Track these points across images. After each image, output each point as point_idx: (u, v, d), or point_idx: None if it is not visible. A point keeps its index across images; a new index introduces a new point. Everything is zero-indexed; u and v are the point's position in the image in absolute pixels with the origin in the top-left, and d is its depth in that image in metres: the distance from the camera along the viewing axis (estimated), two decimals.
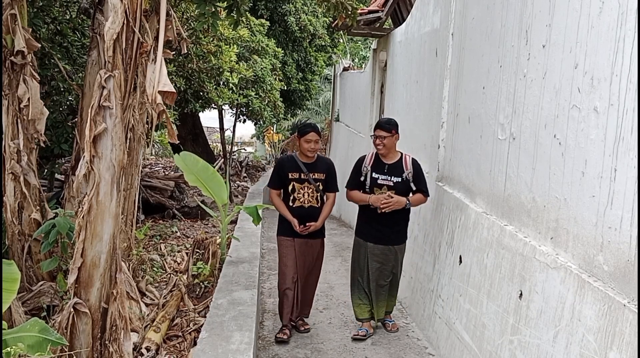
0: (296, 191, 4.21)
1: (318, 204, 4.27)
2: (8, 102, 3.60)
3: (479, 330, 3.31)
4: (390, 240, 4.21)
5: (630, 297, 2.08)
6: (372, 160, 4.23)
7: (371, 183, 4.16)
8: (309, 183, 4.22)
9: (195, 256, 5.07)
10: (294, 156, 4.31)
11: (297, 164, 4.23)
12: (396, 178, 4.11)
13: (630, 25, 2.14)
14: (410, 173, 4.13)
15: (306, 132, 4.15)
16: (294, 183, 4.21)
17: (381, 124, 4.17)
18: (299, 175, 4.22)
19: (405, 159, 4.18)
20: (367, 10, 8.10)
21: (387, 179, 4.12)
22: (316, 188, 4.24)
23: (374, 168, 4.19)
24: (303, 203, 4.22)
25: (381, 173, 4.15)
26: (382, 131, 4.12)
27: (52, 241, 3.53)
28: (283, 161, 4.40)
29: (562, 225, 2.62)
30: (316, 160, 4.30)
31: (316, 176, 4.25)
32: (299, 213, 4.20)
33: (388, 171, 4.14)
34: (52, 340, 2.47)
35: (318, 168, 4.28)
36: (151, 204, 8.03)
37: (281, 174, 4.25)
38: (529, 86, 3.02)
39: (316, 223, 4.23)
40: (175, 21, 3.20)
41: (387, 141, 4.11)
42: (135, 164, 4.13)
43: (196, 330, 4.01)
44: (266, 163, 19.53)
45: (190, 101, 7.94)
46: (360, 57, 19.43)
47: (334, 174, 4.37)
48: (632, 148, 2.10)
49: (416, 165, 4.18)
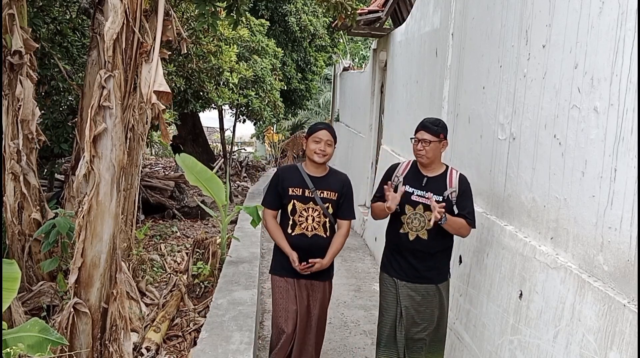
0: (297, 212, 3.20)
1: (326, 234, 3.24)
2: (8, 103, 3.61)
3: (479, 330, 3.31)
4: (427, 276, 3.18)
5: (630, 297, 2.08)
6: (408, 170, 3.26)
7: (402, 199, 3.13)
8: (314, 202, 3.20)
9: (195, 256, 5.07)
10: (298, 167, 3.30)
11: (302, 177, 3.23)
12: (436, 195, 3.09)
13: (630, 25, 2.14)
14: (455, 192, 3.12)
15: (317, 129, 3.21)
16: (295, 202, 3.21)
17: (426, 124, 3.14)
18: (303, 192, 3.21)
19: (450, 173, 3.17)
20: (367, 10, 8.11)
21: (423, 196, 3.12)
22: (324, 211, 3.21)
23: (408, 179, 3.20)
24: (305, 230, 3.21)
25: (417, 187, 3.15)
26: (427, 134, 3.11)
27: (52, 241, 3.53)
28: (283, 171, 3.35)
29: (562, 225, 2.62)
30: (328, 174, 3.29)
31: (325, 194, 3.22)
32: (300, 243, 3.20)
33: (426, 185, 3.14)
34: (52, 340, 2.47)
35: (329, 184, 3.25)
36: (151, 204, 8.04)
37: (279, 190, 3.25)
38: (529, 86, 3.02)
39: (322, 261, 3.19)
40: (175, 21, 3.20)
41: (432, 147, 3.09)
42: (135, 164, 4.13)
43: (196, 330, 4.01)
44: (266, 162, 19.52)
45: (190, 101, 7.94)
46: (360, 57, 19.44)
47: (350, 195, 3.32)
48: (632, 148, 2.10)
49: (464, 184, 3.17)
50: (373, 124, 9.03)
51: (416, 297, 3.17)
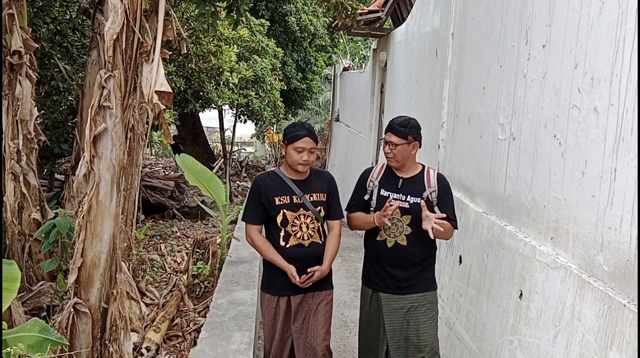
0: (289, 222, 2.92)
1: (321, 239, 3.02)
2: (8, 103, 3.61)
3: (479, 330, 3.31)
4: (411, 286, 2.94)
5: (630, 297, 2.08)
6: (382, 173, 3.06)
7: (378, 203, 2.95)
8: (305, 208, 2.95)
9: (195, 256, 5.07)
10: (277, 173, 3.01)
11: (285, 183, 2.95)
12: (414, 197, 2.91)
13: (630, 25, 2.14)
14: (435, 192, 2.93)
15: (298, 137, 2.88)
16: (284, 212, 2.92)
17: (393, 126, 2.93)
18: (290, 199, 2.94)
19: (428, 173, 2.99)
20: (367, 10, 8.11)
21: (400, 199, 2.93)
22: (316, 216, 2.99)
23: (383, 183, 3.01)
24: (302, 240, 2.94)
25: (393, 190, 2.97)
26: (394, 136, 2.90)
27: (52, 241, 3.53)
28: (263, 180, 3.00)
29: (562, 225, 2.62)
30: (310, 175, 3.04)
31: (315, 197, 3.00)
32: (298, 255, 2.92)
33: (402, 187, 2.96)
34: (52, 340, 2.47)
35: (315, 186, 3.03)
36: (151, 204, 8.04)
37: (263, 201, 2.94)
38: (529, 86, 3.02)
39: (322, 268, 2.94)
40: (175, 21, 3.20)
41: (399, 149, 2.90)
42: (135, 164, 4.13)
43: (196, 330, 4.01)
44: (266, 162, 19.52)
45: (190, 101, 7.94)
46: (360, 57, 19.44)
47: (336, 193, 3.12)
48: (632, 148, 2.10)
49: (443, 183, 2.98)
50: (373, 124, 9.04)
51: (400, 310, 2.93)
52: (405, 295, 2.93)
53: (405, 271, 2.93)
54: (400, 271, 2.93)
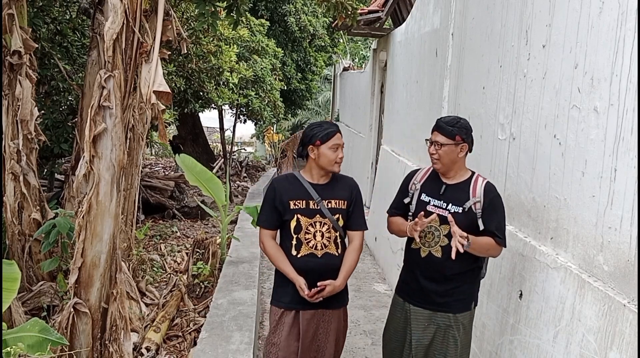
0: (303, 229, 2.66)
1: (338, 251, 2.70)
2: (8, 103, 3.61)
3: (479, 330, 3.31)
4: (445, 304, 2.65)
5: (630, 297, 2.08)
6: (426, 177, 2.79)
7: (417, 208, 2.70)
8: (321, 215, 2.67)
9: (195, 256, 5.07)
10: (296, 176, 2.76)
11: (303, 186, 2.70)
12: (455, 206, 2.61)
13: (630, 25, 2.14)
14: (479, 203, 2.60)
15: (332, 134, 2.64)
16: (299, 217, 2.66)
17: (440, 124, 2.66)
18: (307, 204, 2.67)
19: (475, 181, 2.66)
20: (367, 10, 8.11)
21: (440, 207, 2.64)
22: (334, 224, 2.69)
23: (425, 187, 2.74)
24: (314, 249, 2.66)
25: (434, 196, 2.68)
26: (440, 135, 2.64)
27: (52, 241, 3.54)
28: (279, 183, 2.76)
29: (562, 225, 2.62)
30: (332, 180, 2.75)
31: (333, 204, 2.70)
32: (309, 266, 2.65)
33: (445, 194, 2.66)
34: (52, 340, 2.48)
35: (336, 191, 2.73)
36: (151, 204, 8.04)
37: (277, 205, 2.70)
38: (529, 86, 3.02)
39: (335, 283, 2.63)
40: (175, 21, 3.20)
41: (446, 150, 2.62)
42: (135, 164, 4.13)
43: (196, 330, 4.01)
44: (266, 162, 19.52)
45: (190, 101, 7.95)
46: (360, 57, 19.45)
47: (360, 202, 2.80)
48: (632, 148, 2.10)
49: (491, 193, 2.63)
50: (373, 124, 9.04)
51: (428, 328, 2.67)
52: (437, 312, 2.66)
53: (437, 285, 2.65)
54: (433, 284, 2.65)
